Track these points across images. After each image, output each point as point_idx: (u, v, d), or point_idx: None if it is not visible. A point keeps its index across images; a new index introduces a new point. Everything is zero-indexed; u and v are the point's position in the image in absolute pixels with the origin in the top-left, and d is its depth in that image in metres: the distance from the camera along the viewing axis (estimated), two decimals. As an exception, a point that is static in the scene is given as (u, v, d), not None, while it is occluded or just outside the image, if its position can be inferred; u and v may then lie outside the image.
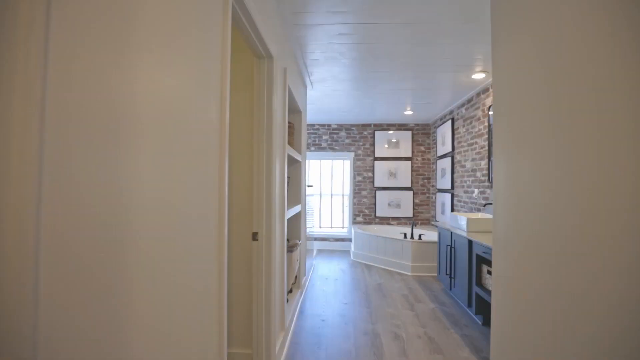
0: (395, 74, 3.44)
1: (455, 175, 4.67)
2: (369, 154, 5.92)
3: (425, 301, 3.36)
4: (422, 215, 5.89)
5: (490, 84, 3.54)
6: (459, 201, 4.49)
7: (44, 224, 0.42)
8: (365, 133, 5.93)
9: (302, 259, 3.54)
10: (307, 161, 5.61)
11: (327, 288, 3.78)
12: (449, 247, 3.42)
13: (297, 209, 3.07)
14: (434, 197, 5.68)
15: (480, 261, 2.82)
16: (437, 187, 5.38)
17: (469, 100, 4.20)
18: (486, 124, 3.74)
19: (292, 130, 3.00)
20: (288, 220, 3.19)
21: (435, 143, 5.56)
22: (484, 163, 3.80)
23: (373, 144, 5.92)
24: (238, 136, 1.98)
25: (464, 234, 3.02)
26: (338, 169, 6.02)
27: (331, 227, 6.05)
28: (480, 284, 2.82)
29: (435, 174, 5.53)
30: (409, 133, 5.88)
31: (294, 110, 3.23)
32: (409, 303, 3.31)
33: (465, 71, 3.32)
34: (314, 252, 5.60)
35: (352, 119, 5.71)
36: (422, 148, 5.91)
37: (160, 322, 0.71)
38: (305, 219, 3.86)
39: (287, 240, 3.02)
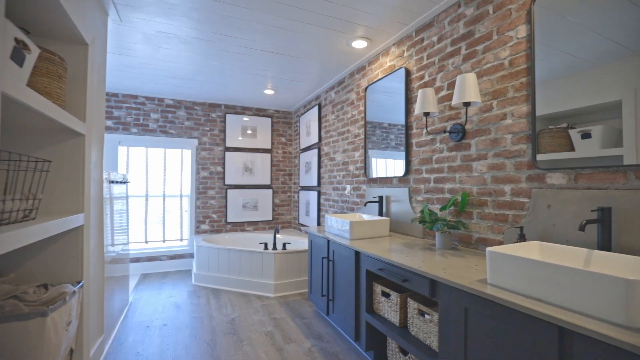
0: (252, 24, 2.38)
1: (322, 170, 4.01)
2: (219, 143, 4.64)
3: (298, 338, 2.44)
4: (283, 217, 5.05)
5: (373, 57, 2.96)
6: (327, 200, 3.84)
7: None
8: (214, 115, 4.62)
9: (91, 308, 1.99)
10: (123, 147, 3.85)
11: (147, 348, 2.33)
12: (325, 260, 2.62)
13: (69, 221, 1.57)
14: (296, 196, 4.94)
15: (372, 279, 2.10)
16: (301, 184, 4.65)
17: (340, 82, 3.59)
18: (362, 108, 3.17)
19: (59, 71, 1.48)
20: (50, 243, 1.67)
21: (298, 134, 4.83)
22: (358, 154, 3.22)
23: (224, 130, 4.67)
24: None
25: (347, 242, 2.26)
26: (174, 161, 4.46)
27: (163, 241, 4.42)
28: (372, 309, 2.09)
29: (298, 169, 4.79)
30: (269, 120, 4.94)
31: (66, 35, 1.69)
32: (276, 346, 2.30)
33: (343, 33, 2.59)
34: (132, 282, 3.88)
35: (195, 94, 4.29)
36: (283, 139, 5.08)
37: None
38: (104, 236, 2.30)
39: (45, 287, 1.52)
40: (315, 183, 4.13)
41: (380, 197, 2.75)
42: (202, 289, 3.59)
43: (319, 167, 4.06)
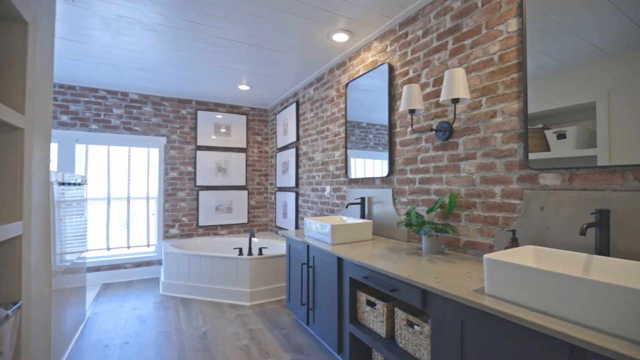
0: (225, 11, 2.18)
1: (300, 170, 3.85)
2: (189, 141, 4.36)
3: (276, 352, 2.26)
4: (259, 219, 4.83)
5: (354, 52, 2.83)
6: (306, 201, 3.68)
7: None
8: (184, 112, 4.33)
9: (34, 331, 1.71)
10: (82, 145, 3.53)
11: (104, 369, 2.07)
12: (305, 267, 2.46)
13: (2, 231, 1.31)
14: (273, 198, 4.74)
15: (356, 287, 1.97)
16: (278, 185, 4.46)
17: (319, 79, 3.44)
18: (342, 105, 3.03)
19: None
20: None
21: (275, 132, 4.63)
22: (338, 154, 3.08)
23: (195, 128, 4.39)
24: None
25: (329, 247, 2.11)
26: (140, 161, 4.13)
27: (128, 248, 4.08)
28: (356, 319, 1.96)
29: (275, 169, 4.60)
30: (243, 118, 4.71)
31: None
32: (251, 363, 2.12)
33: (324, 25, 2.44)
34: (91, 293, 3.54)
35: (163, 89, 3.99)
36: (259, 138, 4.86)
37: None
38: (54, 245, 2.02)
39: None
40: (293, 184, 3.96)
41: (362, 199, 2.62)
42: (170, 299, 3.32)
43: (297, 167, 3.89)
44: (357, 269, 1.83)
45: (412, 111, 2.02)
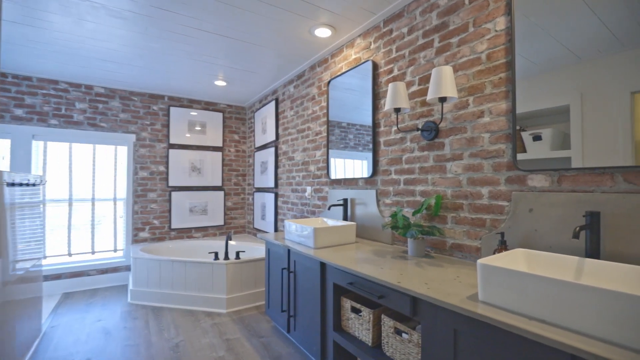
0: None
1: (280, 170, 3.72)
2: (161, 139, 4.11)
3: (254, 363, 2.13)
4: (236, 221, 4.65)
5: (336, 48, 2.74)
6: (286, 202, 3.56)
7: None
8: (155, 108, 4.08)
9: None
10: (39, 142, 3.26)
11: (61, 391, 1.86)
12: (285, 272, 2.34)
13: None
14: (250, 199, 4.57)
15: (340, 293, 1.88)
16: (256, 185, 4.30)
17: (300, 76, 3.33)
18: (324, 104, 2.94)
19: None
20: None
21: (253, 131, 4.47)
22: (320, 153, 2.99)
23: (167, 125, 4.15)
24: None
25: (311, 251, 2.01)
26: (107, 159, 3.85)
27: (92, 253, 3.78)
28: (340, 327, 1.87)
29: (253, 169, 4.44)
30: (220, 116, 4.51)
31: None
32: (228, 376, 1.98)
33: (305, 19, 2.34)
34: (49, 304, 3.25)
35: (132, 83, 3.74)
36: (236, 137, 4.68)
37: None
38: (4, 252, 1.79)
39: None
40: (272, 184, 3.83)
41: (345, 200, 2.54)
42: (140, 309, 3.09)
43: (276, 167, 3.76)
44: (341, 274, 1.74)
45: (397, 110, 1.96)
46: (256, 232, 4.33)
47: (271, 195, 3.83)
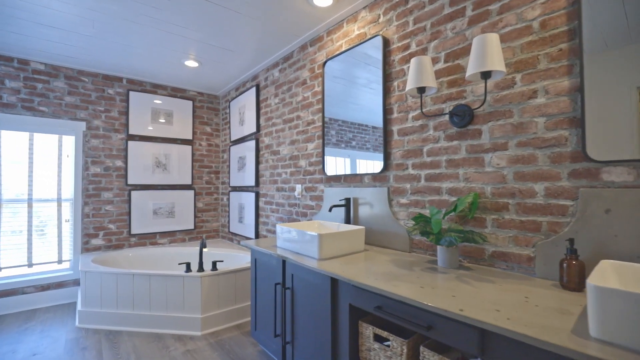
0: None
1: (261, 166, 3.27)
2: (118, 129, 3.49)
3: (243, 405, 1.69)
4: (208, 225, 4.10)
5: (334, 24, 2.35)
6: (269, 203, 3.12)
7: None
8: (111, 92, 3.45)
9: None
10: None
11: None
12: (280, 288, 1.92)
13: None
14: (225, 199, 4.06)
15: (357, 316, 1.50)
16: (232, 184, 3.81)
17: (287, 58, 2.91)
18: (318, 88, 2.55)
19: None
20: None
21: (229, 122, 3.96)
22: (313, 146, 2.59)
23: (126, 113, 3.53)
24: None
25: (314, 263, 1.62)
26: (48, 151, 3.17)
27: (29, 266, 3.09)
28: (357, 359, 1.49)
29: (229, 165, 3.93)
30: (189, 104, 3.95)
31: None
32: None
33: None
34: (-27, 331, 2.56)
35: (82, 59, 3.11)
36: (208, 129, 4.14)
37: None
38: None
39: None
40: (252, 182, 3.36)
41: (347, 200, 2.17)
42: (91, 335, 2.51)
43: (257, 162, 3.31)
44: (363, 295, 1.36)
45: (421, 90, 1.62)
46: (232, 237, 3.84)
47: (251, 195, 3.37)
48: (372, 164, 2.05)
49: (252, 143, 3.36)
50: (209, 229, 4.10)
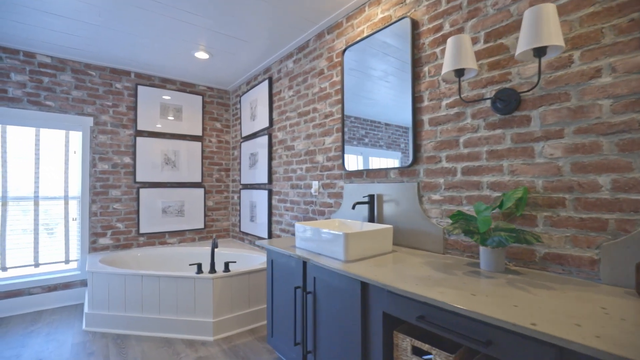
0: None
1: (274, 162, 3.12)
2: (127, 125, 3.38)
3: (262, 421, 1.54)
4: (218, 224, 3.97)
5: (355, 8, 2.18)
6: (283, 201, 2.97)
7: None
8: (119, 86, 3.34)
9: None
10: None
11: None
12: (300, 292, 1.77)
13: None
14: (236, 197, 3.93)
15: (391, 326, 1.34)
16: (243, 181, 3.67)
17: (302, 48, 2.76)
18: (336, 78, 2.39)
19: None
20: None
21: (239, 118, 3.82)
22: (331, 140, 2.43)
23: (135, 108, 3.41)
24: None
25: (340, 265, 1.46)
26: (55, 147, 3.07)
27: (36, 266, 2.99)
28: (391, 374, 1.33)
29: (240, 162, 3.79)
30: (199, 99, 3.82)
31: None
32: None
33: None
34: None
35: (89, 51, 3.00)
36: (218, 125, 4.01)
37: None
38: None
39: None
40: (264, 180, 3.22)
41: (371, 197, 2.01)
42: (98, 339, 2.39)
43: (270, 158, 3.16)
44: (401, 302, 1.20)
45: (459, 73, 1.45)
46: (243, 237, 3.70)
47: (263, 193, 3.22)
48: (387, 162, 1.89)
49: (265, 139, 3.21)
50: (219, 228, 3.97)
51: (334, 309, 1.53)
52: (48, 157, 3.02)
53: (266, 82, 3.20)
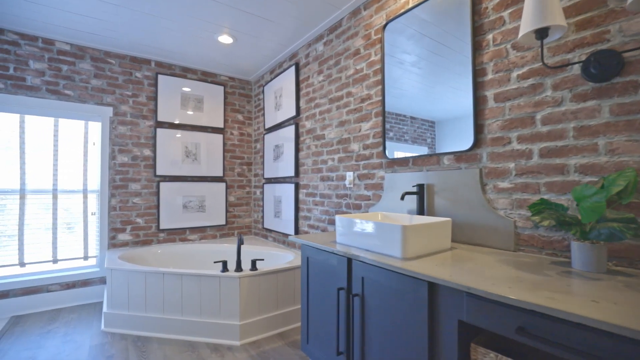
0: None
1: (302, 154, 2.91)
2: (147, 115, 3.23)
3: None
4: (240, 220, 3.80)
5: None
6: (312, 194, 2.76)
7: None
8: (139, 75, 3.20)
9: None
10: None
11: None
12: (343, 294, 1.54)
13: None
14: (258, 192, 3.74)
15: (468, 336, 1.10)
16: (266, 175, 3.48)
17: (334, 28, 2.54)
18: (375, 57, 2.16)
19: None
20: None
21: (263, 109, 3.64)
22: (368, 126, 2.21)
23: (155, 98, 3.27)
24: None
25: (397, 262, 1.23)
26: (73, 138, 2.94)
27: (54, 262, 2.87)
28: (467, 396, 1.09)
29: (262, 155, 3.61)
30: (220, 90, 3.66)
31: None
32: None
33: None
34: (-7, 332, 2.34)
35: (108, 38, 2.87)
36: (240, 117, 3.83)
37: None
38: None
39: None
40: (290, 172, 3.01)
41: (421, 187, 1.77)
42: (117, 340, 2.23)
43: (297, 150, 2.96)
44: (488, 309, 0.96)
45: (542, 34, 1.20)
46: (267, 234, 3.51)
47: (289, 187, 3.02)
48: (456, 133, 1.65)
49: (291, 129, 3.01)
50: (241, 224, 3.79)
51: (388, 314, 1.30)
52: (67, 148, 2.90)
53: (292, 69, 3.00)
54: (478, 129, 1.56)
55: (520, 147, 1.41)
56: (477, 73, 1.57)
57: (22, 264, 2.74)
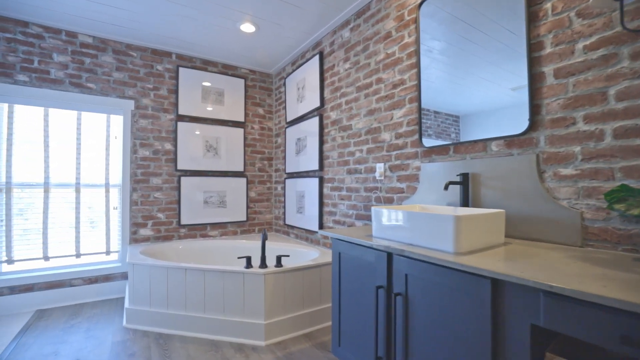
0: None
1: (327, 146, 2.79)
2: (168, 109, 3.18)
3: None
4: (261, 216, 3.71)
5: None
6: (337, 189, 2.63)
7: None
8: (160, 68, 3.15)
9: None
10: (1, 105, 2.31)
11: None
12: (383, 293, 1.40)
13: None
14: (279, 188, 3.64)
15: (537, 340, 0.94)
16: (288, 170, 3.37)
17: (361, 12, 2.40)
18: (409, 39, 2.01)
19: None
20: None
21: (284, 102, 3.54)
22: (401, 113, 2.06)
23: (176, 91, 3.22)
24: None
25: (449, 257, 1.08)
26: (96, 132, 2.91)
27: (77, 256, 2.85)
28: (541, 414, 0.93)
29: (284, 150, 3.50)
30: (241, 83, 3.58)
31: None
32: None
33: None
34: (13, 327, 2.31)
35: (130, 30, 2.83)
36: (261, 111, 3.74)
37: None
38: None
39: None
40: (314, 166, 2.89)
41: (465, 176, 1.61)
42: (139, 337, 2.16)
43: (322, 142, 2.83)
44: (577, 313, 0.81)
45: (623, -6, 1.02)
46: (289, 231, 3.40)
47: (313, 181, 2.90)
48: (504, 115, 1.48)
49: (315, 120, 2.89)
50: (262, 221, 3.70)
51: (438, 316, 1.15)
52: (89, 142, 2.87)
53: (316, 58, 2.88)
54: (534, 109, 1.39)
55: (588, 128, 1.24)
56: (533, 48, 1.40)
57: (46, 257, 2.73)
